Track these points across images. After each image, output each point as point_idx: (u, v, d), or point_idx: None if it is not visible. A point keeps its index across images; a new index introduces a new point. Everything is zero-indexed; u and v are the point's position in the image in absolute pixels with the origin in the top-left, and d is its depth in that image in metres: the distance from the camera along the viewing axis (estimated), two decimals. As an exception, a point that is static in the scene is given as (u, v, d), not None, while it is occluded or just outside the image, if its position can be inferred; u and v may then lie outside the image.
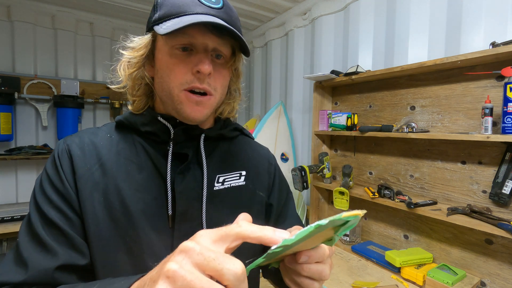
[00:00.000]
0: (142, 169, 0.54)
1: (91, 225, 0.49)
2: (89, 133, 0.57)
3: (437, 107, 1.45)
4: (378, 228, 1.73)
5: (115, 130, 0.58)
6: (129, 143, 0.56)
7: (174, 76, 0.51)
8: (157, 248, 0.50)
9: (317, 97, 2.01)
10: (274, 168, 0.70)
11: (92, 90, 2.59)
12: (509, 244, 1.20)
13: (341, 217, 0.28)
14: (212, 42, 0.51)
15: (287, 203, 0.70)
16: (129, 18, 2.70)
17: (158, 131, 0.55)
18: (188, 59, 0.51)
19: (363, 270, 1.42)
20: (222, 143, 0.63)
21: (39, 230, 0.46)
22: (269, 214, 0.66)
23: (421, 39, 1.54)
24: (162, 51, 0.52)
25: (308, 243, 0.34)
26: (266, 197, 0.65)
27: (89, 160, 0.52)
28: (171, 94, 0.52)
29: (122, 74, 0.55)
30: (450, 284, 1.18)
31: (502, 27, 1.24)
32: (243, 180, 0.62)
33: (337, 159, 2.03)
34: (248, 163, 0.65)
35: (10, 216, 1.96)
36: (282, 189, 0.70)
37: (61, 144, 0.54)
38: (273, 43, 2.74)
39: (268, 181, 0.67)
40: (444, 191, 1.43)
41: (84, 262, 0.47)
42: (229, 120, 0.67)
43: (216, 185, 0.58)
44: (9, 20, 2.29)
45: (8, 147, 2.30)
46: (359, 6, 1.86)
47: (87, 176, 0.51)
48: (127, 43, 0.54)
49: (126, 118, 0.57)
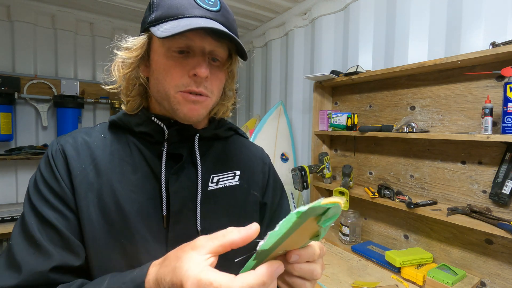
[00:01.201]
0: (136, 169, 0.53)
1: (86, 225, 0.49)
2: (82, 133, 0.56)
3: (437, 107, 1.45)
4: (378, 228, 1.73)
5: (108, 130, 0.58)
6: (123, 143, 0.56)
7: (170, 79, 0.50)
8: (152, 249, 0.50)
9: (317, 97, 2.01)
10: (268, 168, 0.70)
11: (92, 90, 2.59)
12: (509, 244, 1.20)
13: (320, 204, 0.28)
14: (209, 45, 0.51)
15: (281, 203, 0.70)
16: (129, 18, 2.70)
17: (152, 131, 0.55)
18: (185, 61, 0.50)
19: (363, 270, 1.42)
20: (216, 143, 0.63)
21: (34, 231, 0.46)
22: (263, 214, 0.66)
23: (421, 39, 1.54)
24: (158, 52, 0.52)
25: (296, 240, 0.34)
26: (260, 196, 0.66)
27: (84, 160, 0.52)
28: (168, 95, 0.52)
29: (116, 74, 0.54)
30: (450, 284, 1.18)
31: (502, 27, 1.24)
32: (238, 179, 0.62)
33: (337, 159, 2.03)
34: (242, 163, 0.65)
35: (10, 216, 1.96)
36: (276, 188, 0.70)
37: (55, 144, 0.53)
38: (273, 43, 2.74)
39: (262, 181, 0.67)
40: (444, 191, 1.43)
41: (78, 263, 0.47)
42: (224, 120, 0.67)
43: (211, 185, 0.58)
44: (9, 20, 2.29)
45: (8, 147, 2.30)
46: (359, 6, 1.86)
47: (81, 177, 0.50)
48: (122, 43, 0.54)
49: (119, 118, 0.57)
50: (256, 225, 0.35)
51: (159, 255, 0.49)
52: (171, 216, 0.52)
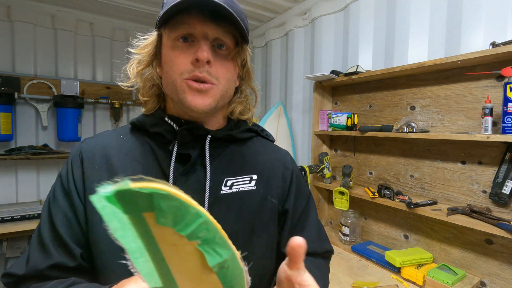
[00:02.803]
0: (147, 170, 0.53)
1: (95, 225, 0.50)
2: (104, 135, 0.59)
3: (437, 107, 1.45)
4: (378, 228, 1.73)
5: (129, 132, 0.59)
6: (140, 144, 0.56)
7: (176, 67, 0.51)
8: None
9: (317, 97, 2.01)
10: (291, 173, 0.65)
11: (92, 90, 2.59)
12: (509, 244, 1.20)
13: (128, 186, 0.21)
14: (212, 31, 0.51)
15: (307, 212, 0.65)
16: (129, 18, 2.70)
17: (165, 131, 0.55)
18: (189, 50, 0.51)
19: (363, 270, 1.42)
20: (232, 145, 0.60)
21: (43, 230, 0.50)
22: (283, 221, 0.62)
23: (421, 39, 1.54)
24: (166, 45, 0.53)
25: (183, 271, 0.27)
26: (279, 203, 0.61)
27: (98, 162, 0.53)
28: (175, 85, 0.52)
29: (131, 72, 0.56)
30: (450, 284, 1.18)
31: (502, 27, 1.23)
32: (254, 184, 0.58)
33: (337, 159, 2.03)
34: (260, 166, 0.61)
35: (10, 216, 1.96)
36: (300, 196, 0.65)
37: (77, 146, 0.56)
38: (273, 43, 2.74)
39: (283, 187, 0.62)
40: (444, 191, 1.43)
41: (73, 264, 0.49)
42: (244, 122, 0.64)
43: (224, 189, 0.55)
44: (9, 20, 2.29)
45: (8, 147, 2.30)
46: (359, 6, 1.86)
47: (93, 178, 0.52)
48: (135, 42, 0.56)
49: (138, 120, 0.58)
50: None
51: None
52: None
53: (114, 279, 0.48)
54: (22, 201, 2.35)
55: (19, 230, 1.86)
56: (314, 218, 0.66)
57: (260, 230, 0.58)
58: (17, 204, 2.30)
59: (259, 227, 0.57)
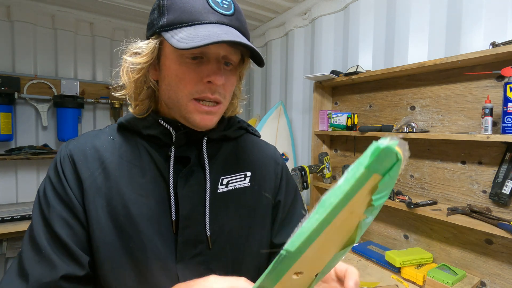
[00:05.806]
0: (145, 173, 0.53)
1: (96, 230, 0.48)
2: (91, 136, 0.56)
3: (437, 107, 1.45)
4: (378, 228, 1.73)
5: (117, 133, 0.56)
6: (132, 146, 0.55)
7: (184, 86, 0.49)
8: (161, 253, 0.50)
9: (317, 97, 2.01)
10: (281, 168, 0.68)
11: (92, 90, 2.59)
12: (509, 244, 1.20)
13: (391, 145, 0.21)
14: (224, 50, 0.50)
15: (295, 204, 0.68)
16: (129, 18, 2.70)
17: (160, 134, 0.54)
18: (198, 68, 0.49)
19: (363, 270, 1.42)
20: (226, 144, 0.61)
21: (41, 240, 0.46)
22: (275, 213, 0.65)
23: (421, 39, 1.54)
24: (170, 58, 0.50)
25: (332, 238, 0.28)
26: (272, 198, 0.64)
27: (92, 164, 0.51)
28: (179, 103, 0.51)
29: (126, 80, 0.52)
30: (450, 284, 1.18)
31: (502, 27, 1.23)
32: (248, 181, 0.60)
33: (337, 159, 2.03)
34: (253, 163, 0.63)
35: (10, 216, 1.96)
36: (289, 190, 0.68)
37: (63, 149, 0.53)
38: (273, 43, 2.74)
39: (275, 182, 0.65)
40: (444, 191, 1.43)
41: (82, 273, 0.47)
42: (234, 118, 0.65)
43: (220, 188, 0.56)
44: (9, 20, 2.29)
45: (8, 147, 2.30)
46: (359, 6, 1.86)
47: (90, 181, 0.50)
48: (131, 48, 0.51)
49: (127, 121, 0.56)
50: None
51: (168, 259, 0.49)
52: (180, 221, 0.51)
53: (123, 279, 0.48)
54: (22, 201, 2.35)
55: (19, 230, 1.86)
56: (300, 210, 0.69)
57: (257, 226, 0.60)
58: (17, 204, 2.30)
59: (256, 223, 0.59)
